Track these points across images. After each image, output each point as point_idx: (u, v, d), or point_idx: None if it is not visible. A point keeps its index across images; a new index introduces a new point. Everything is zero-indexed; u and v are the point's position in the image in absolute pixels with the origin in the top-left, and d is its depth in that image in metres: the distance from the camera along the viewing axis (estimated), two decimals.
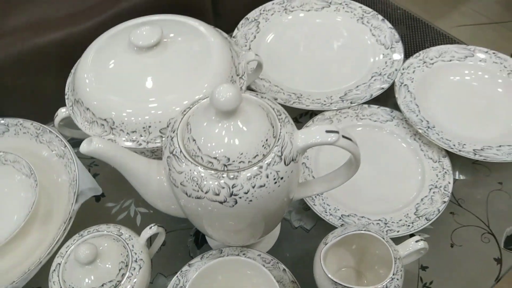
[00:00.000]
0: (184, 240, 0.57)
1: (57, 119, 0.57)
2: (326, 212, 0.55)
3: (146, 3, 0.83)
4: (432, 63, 0.70)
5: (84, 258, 0.43)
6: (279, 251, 0.55)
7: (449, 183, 0.57)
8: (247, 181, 0.38)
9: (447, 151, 0.60)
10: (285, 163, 0.39)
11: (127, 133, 0.52)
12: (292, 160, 0.40)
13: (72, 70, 0.60)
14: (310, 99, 0.67)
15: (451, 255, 0.54)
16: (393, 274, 0.43)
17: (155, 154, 0.54)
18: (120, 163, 0.44)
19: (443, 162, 0.60)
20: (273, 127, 0.40)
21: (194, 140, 0.39)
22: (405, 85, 0.67)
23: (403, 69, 0.68)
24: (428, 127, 0.62)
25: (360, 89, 0.68)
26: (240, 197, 0.38)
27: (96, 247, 0.44)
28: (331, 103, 0.66)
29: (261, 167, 0.38)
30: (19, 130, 0.60)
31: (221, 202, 0.38)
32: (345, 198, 0.57)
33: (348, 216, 0.55)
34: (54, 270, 0.46)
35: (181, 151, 0.40)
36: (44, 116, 0.63)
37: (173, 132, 0.41)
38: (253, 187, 0.38)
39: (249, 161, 0.38)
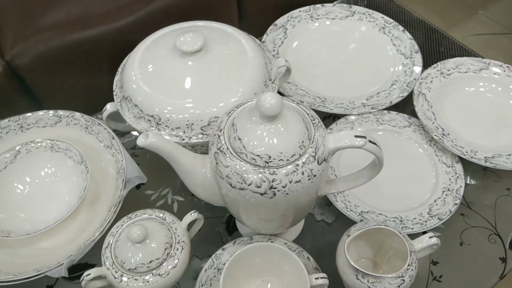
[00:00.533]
0: (216, 227, 0.63)
1: (105, 113, 0.63)
2: (347, 208, 0.61)
3: (176, 4, 0.88)
4: (449, 74, 0.74)
5: (136, 237, 0.49)
6: (302, 242, 0.60)
7: (461, 186, 0.62)
8: (285, 177, 0.43)
9: (460, 157, 0.65)
10: (318, 162, 0.45)
11: (172, 128, 0.58)
12: (324, 160, 0.45)
13: (119, 69, 0.66)
14: (333, 103, 0.72)
15: (460, 252, 0.59)
16: (408, 265, 0.48)
17: (195, 148, 0.60)
18: (170, 155, 0.50)
19: (456, 167, 0.65)
20: (308, 130, 0.46)
21: (239, 139, 0.45)
22: (423, 94, 0.72)
23: (421, 79, 0.73)
24: (443, 134, 0.67)
25: (381, 95, 0.73)
26: (278, 190, 0.44)
27: (146, 228, 0.50)
28: (353, 108, 0.71)
29: (297, 165, 0.44)
30: (70, 121, 0.66)
31: (261, 194, 0.44)
32: (364, 196, 0.62)
33: (367, 212, 0.61)
34: (107, 247, 0.52)
35: (227, 148, 0.45)
36: (87, 110, 0.69)
37: (220, 131, 0.47)
38: (290, 182, 0.44)
39: (287, 160, 0.44)
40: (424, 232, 0.60)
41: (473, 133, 0.68)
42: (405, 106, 0.74)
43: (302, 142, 0.45)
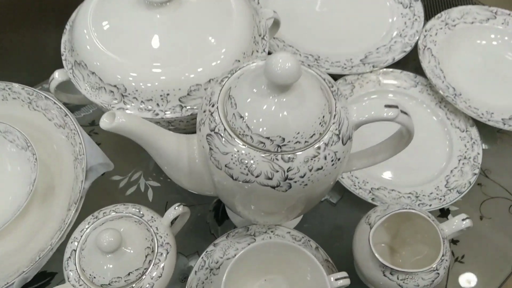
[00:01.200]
0: (203, 216, 0.53)
1: (53, 83, 0.50)
2: (355, 185, 0.52)
3: None
4: (454, 25, 0.66)
5: (107, 246, 0.38)
6: (306, 228, 0.52)
7: (478, 154, 0.55)
8: (304, 164, 0.34)
9: (474, 120, 0.58)
10: (342, 142, 0.35)
11: (142, 101, 0.46)
12: (349, 138, 0.36)
13: (67, 27, 0.52)
14: (329, 61, 0.62)
15: (480, 227, 0.53)
16: (442, 256, 0.41)
17: (172, 124, 0.48)
18: (147, 140, 0.38)
19: (471, 131, 0.57)
20: (327, 101, 0.36)
21: (241, 116, 0.34)
22: (428, 48, 0.63)
23: (425, 31, 0.64)
24: (455, 95, 0.59)
25: (381, 51, 0.64)
26: (295, 181, 0.34)
27: (120, 233, 0.39)
28: (352, 67, 0.61)
29: (318, 148, 0.34)
30: (7, 95, 0.52)
31: (273, 187, 0.34)
32: (373, 170, 0.54)
33: (377, 189, 0.52)
34: (69, 257, 0.41)
35: (225, 129, 0.34)
36: (35, 79, 0.56)
37: (213, 106, 0.36)
38: (310, 170, 0.34)
39: (305, 141, 0.34)
40: (442, 210, 0.53)
41: (486, 92, 0.61)
42: (405, 63, 0.65)
43: (323, 117, 0.34)
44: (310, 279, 0.43)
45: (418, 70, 0.62)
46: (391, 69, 0.62)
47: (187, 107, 0.46)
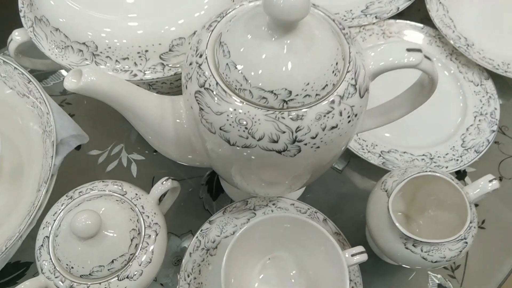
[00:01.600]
0: (195, 191, 0.47)
1: (12, 45, 0.43)
2: (363, 149, 0.47)
3: None
4: None
5: (84, 230, 0.32)
6: (310, 198, 0.47)
7: (496, 109, 0.50)
8: (315, 122, 0.28)
9: (488, 72, 0.52)
10: (360, 94, 0.29)
11: (117, 60, 0.39)
12: (366, 90, 0.30)
13: None
14: None
15: (500, 189, 0.48)
16: (470, 222, 0.36)
17: (153, 87, 0.42)
18: (124, 103, 0.32)
19: (486, 85, 0.52)
20: (340, 45, 0.30)
21: (236, 67, 0.28)
22: None
23: None
24: (467, 45, 0.53)
25: (383, 1, 0.57)
26: (306, 144, 0.28)
27: (99, 215, 0.33)
28: (352, 19, 0.55)
29: (333, 101, 0.28)
30: None
31: (279, 152, 0.28)
32: (382, 131, 0.49)
33: (388, 152, 0.47)
34: (42, 245, 0.35)
35: (217, 83, 0.28)
36: None
37: (200, 57, 0.29)
38: (323, 129, 0.28)
39: (316, 94, 0.28)
40: (458, 172, 0.48)
41: (501, 42, 0.55)
42: (409, 14, 0.58)
43: (336, 64, 0.28)
44: (321, 256, 0.38)
45: (423, 21, 0.56)
46: (395, 20, 0.56)
47: (169, 65, 0.40)
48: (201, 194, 0.47)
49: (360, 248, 0.36)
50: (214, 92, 0.28)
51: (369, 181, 0.48)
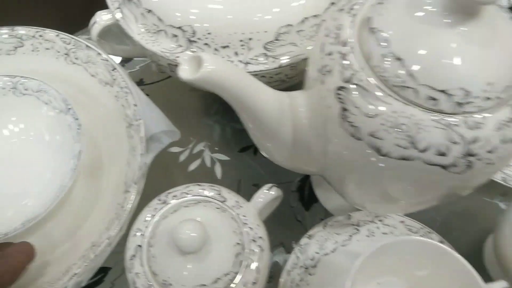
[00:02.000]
0: (285, 198, 0.42)
1: (95, 28, 0.39)
2: None
3: None
4: None
5: (189, 244, 0.28)
6: (417, 214, 0.41)
7: None
8: (495, 133, 0.22)
9: None
10: None
11: (215, 49, 0.35)
12: None
13: None
14: None
15: None
16: None
17: None
18: (241, 97, 0.27)
19: None
20: None
21: (398, 59, 0.22)
22: None
23: None
24: None
25: None
26: (479, 159, 0.23)
27: (204, 225, 0.29)
28: None
29: None
30: (38, 44, 0.41)
31: (444, 167, 0.23)
32: None
33: None
34: (134, 255, 0.31)
35: (369, 78, 0.23)
36: (72, 24, 0.45)
37: (344, 46, 0.24)
38: (503, 142, 0.22)
39: (497, 97, 0.22)
40: None
41: None
42: None
43: None
44: (444, 284, 0.32)
45: None
46: None
47: (274, 56, 0.35)
48: (292, 202, 0.42)
49: (503, 284, 0.30)
50: (368, 90, 0.23)
51: (486, 196, 0.42)
